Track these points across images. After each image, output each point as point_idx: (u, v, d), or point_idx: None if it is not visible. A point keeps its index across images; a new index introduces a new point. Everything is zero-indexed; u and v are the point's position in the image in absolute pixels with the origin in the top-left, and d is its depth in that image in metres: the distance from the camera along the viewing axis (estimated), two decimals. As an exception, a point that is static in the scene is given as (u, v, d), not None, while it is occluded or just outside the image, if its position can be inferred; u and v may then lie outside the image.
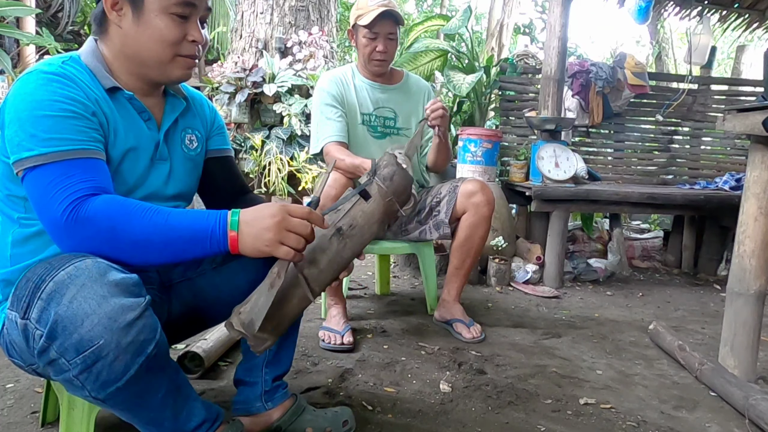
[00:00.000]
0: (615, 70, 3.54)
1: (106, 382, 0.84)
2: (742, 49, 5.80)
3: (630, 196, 2.96)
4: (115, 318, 0.82)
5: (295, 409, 1.27)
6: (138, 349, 0.84)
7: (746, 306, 1.69)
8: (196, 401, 1.02)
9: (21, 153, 0.90)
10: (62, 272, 0.85)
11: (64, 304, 0.82)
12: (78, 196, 0.88)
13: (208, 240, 0.90)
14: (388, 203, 0.98)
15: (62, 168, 0.89)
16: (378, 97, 2.15)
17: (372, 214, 0.97)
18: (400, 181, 0.98)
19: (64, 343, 0.82)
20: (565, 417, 1.47)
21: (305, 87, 4.45)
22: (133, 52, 1.04)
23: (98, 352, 0.81)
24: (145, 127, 1.09)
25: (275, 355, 1.26)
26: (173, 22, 1.02)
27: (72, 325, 0.81)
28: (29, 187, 0.91)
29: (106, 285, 0.84)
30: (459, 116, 4.02)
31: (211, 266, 1.23)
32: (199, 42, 1.06)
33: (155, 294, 1.15)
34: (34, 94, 0.92)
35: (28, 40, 3.77)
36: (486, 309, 2.46)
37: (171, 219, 0.90)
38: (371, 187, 0.98)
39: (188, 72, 1.10)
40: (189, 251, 0.91)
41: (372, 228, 0.98)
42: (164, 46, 1.03)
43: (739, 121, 1.64)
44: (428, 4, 15.23)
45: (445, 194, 2.11)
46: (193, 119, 1.23)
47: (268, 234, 0.89)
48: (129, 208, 0.89)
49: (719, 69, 11.45)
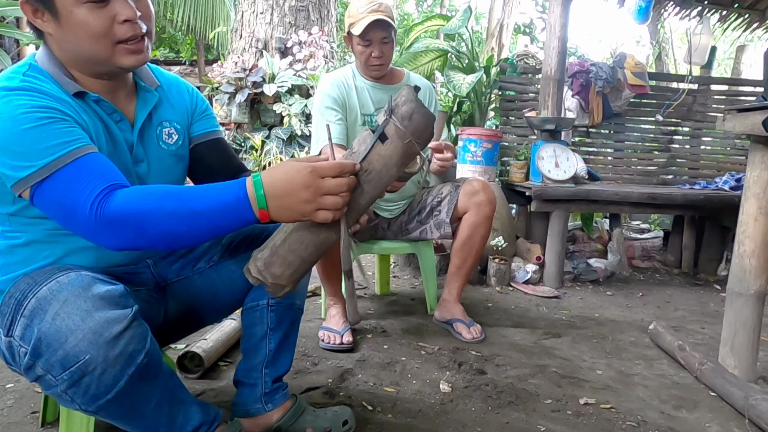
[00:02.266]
0: (615, 70, 3.54)
1: (95, 396, 0.83)
2: (742, 49, 5.80)
3: (630, 196, 2.96)
4: (100, 332, 0.81)
5: (295, 409, 1.26)
6: (127, 361, 0.83)
7: (746, 306, 1.69)
8: (192, 404, 1.01)
9: (19, 174, 0.85)
10: (44, 288, 0.84)
11: (47, 320, 0.81)
12: (96, 195, 0.83)
13: (237, 219, 0.86)
14: (407, 145, 0.90)
15: (69, 173, 0.85)
16: (380, 98, 2.15)
17: (390, 157, 0.90)
18: (419, 120, 0.89)
19: (50, 360, 0.81)
20: (565, 417, 1.47)
21: (305, 87, 4.45)
22: (72, 54, 0.97)
23: (84, 367, 0.80)
24: (117, 129, 1.03)
25: (275, 356, 1.25)
26: (91, 11, 0.91)
27: (56, 341, 0.80)
28: (43, 203, 0.87)
29: (90, 299, 0.83)
30: (459, 116, 4.02)
31: (207, 265, 1.23)
32: (131, 18, 0.94)
33: (150, 294, 1.14)
34: (4, 114, 0.87)
35: (28, 40, 3.77)
36: (486, 309, 2.46)
37: (195, 204, 0.85)
38: (389, 127, 0.90)
39: (140, 57, 0.99)
40: (221, 229, 0.88)
41: (390, 171, 0.92)
42: (95, 40, 0.93)
43: (739, 121, 1.64)
44: (428, 4, 15.24)
45: (447, 194, 2.11)
46: (170, 110, 1.15)
47: (306, 207, 0.85)
48: (150, 201, 0.85)
49: (719, 69, 11.46)
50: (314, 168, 0.85)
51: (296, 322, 1.29)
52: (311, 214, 0.86)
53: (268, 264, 0.92)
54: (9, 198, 0.95)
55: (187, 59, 8.85)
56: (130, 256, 1.11)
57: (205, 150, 1.20)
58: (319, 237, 0.92)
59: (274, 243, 0.93)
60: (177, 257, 1.23)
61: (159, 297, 1.17)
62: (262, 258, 0.93)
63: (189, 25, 7.68)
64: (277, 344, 1.25)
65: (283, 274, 0.92)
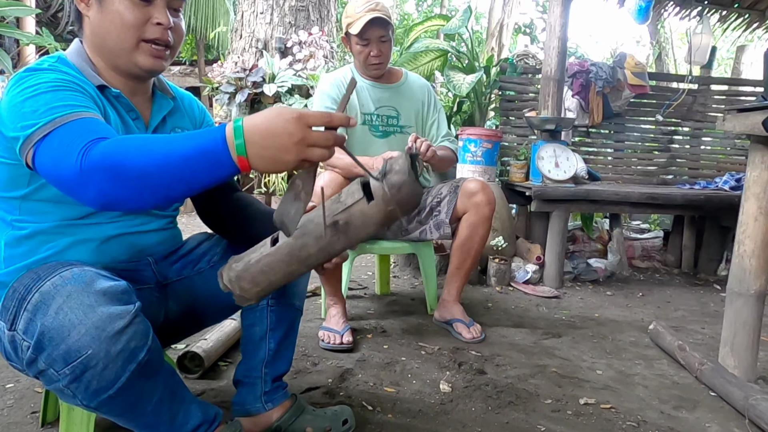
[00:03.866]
0: (615, 70, 3.54)
1: (97, 391, 0.83)
2: (742, 49, 5.80)
3: (630, 196, 2.97)
4: (103, 327, 0.81)
5: (294, 409, 1.26)
6: (129, 357, 0.83)
7: (746, 306, 1.69)
8: (193, 403, 1.01)
9: (26, 131, 0.87)
10: (48, 283, 0.84)
11: (50, 315, 0.81)
12: (84, 145, 0.82)
13: (215, 166, 0.81)
14: (390, 211, 0.93)
15: (69, 128, 0.86)
16: (379, 97, 2.15)
17: (371, 216, 0.94)
18: (407, 192, 0.90)
19: (52, 354, 0.81)
20: (565, 417, 1.47)
21: (305, 87, 4.45)
22: (100, 41, 1.03)
23: (86, 362, 0.80)
24: (134, 126, 1.08)
25: (274, 356, 1.25)
26: (133, 4, 1.00)
27: (59, 336, 0.80)
28: (40, 160, 0.86)
29: (93, 294, 0.83)
30: (459, 116, 4.02)
31: (208, 265, 1.23)
32: (164, 24, 1.03)
33: (151, 293, 1.14)
34: (25, 84, 0.92)
35: (28, 40, 3.77)
36: (486, 309, 2.46)
37: (172, 147, 0.81)
38: (377, 189, 0.92)
39: (157, 62, 1.05)
40: (198, 177, 0.82)
41: (368, 229, 0.95)
42: (125, 30, 1.01)
43: (739, 121, 1.64)
44: (428, 4, 15.23)
45: (446, 194, 2.11)
46: (182, 119, 1.21)
47: (288, 156, 0.79)
48: (128, 142, 0.83)
49: (719, 69, 11.45)
50: (301, 115, 0.80)
51: (296, 322, 1.29)
52: (295, 166, 0.81)
53: (240, 278, 0.95)
54: (24, 180, 0.98)
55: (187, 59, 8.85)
56: (130, 251, 1.11)
57: None
58: (290, 267, 0.95)
59: (249, 259, 0.95)
60: (178, 257, 1.23)
61: (160, 296, 1.18)
62: (236, 270, 0.96)
63: (189, 24, 7.68)
64: (277, 344, 1.25)
65: (250, 290, 0.95)
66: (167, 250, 1.21)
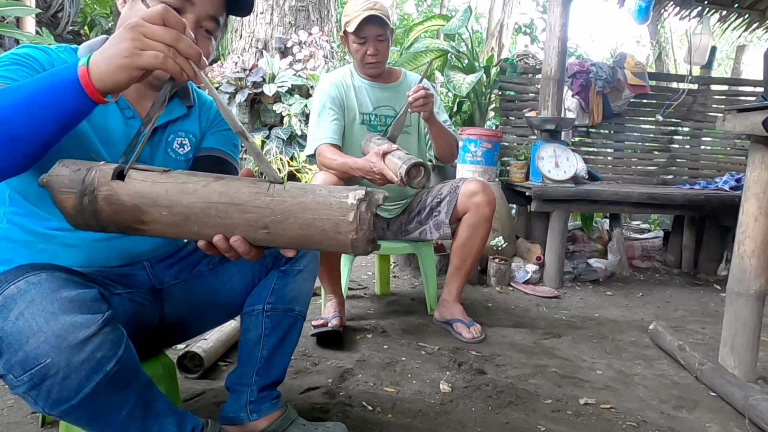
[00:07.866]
0: (615, 70, 3.54)
1: (58, 400, 0.81)
2: (742, 49, 5.80)
3: (630, 196, 2.97)
4: (64, 336, 0.78)
5: (282, 420, 1.22)
6: (94, 368, 0.81)
7: (746, 306, 1.69)
8: (169, 417, 0.96)
9: None
10: (12, 286, 0.82)
11: (10, 320, 0.79)
12: None
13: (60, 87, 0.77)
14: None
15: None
16: (378, 96, 2.15)
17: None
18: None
19: (10, 360, 0.79)
20: (565, 417, 1.47)
21: (305, 87, 4.45)
22: None
23: (45, 370, 0.78)
24: (122, 123, 1.04)
25: (266, 363, 1.21)
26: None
27: (17, 342, 0.78)
28: None
29: (57, 301, 0.80)
30: (459, 116, 4.02)
31: (207, 267, 1.20)
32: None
33: (144, 297, 1.12)
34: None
35: (28, 40, 3.76)
36: (486, 309, 2.46)
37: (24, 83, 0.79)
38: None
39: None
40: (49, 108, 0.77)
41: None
42: None
43: (739, 121, 1.64)
44: (428, 4, 15.24)
45: (446, 194, 2.10)
46: (192, 124, 1.17)
47: (123, 44, 0.76)
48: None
49: (719, 69, 11.46)
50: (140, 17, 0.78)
51: (294, 327, 1.25)
52: (133, 55, 0.76)
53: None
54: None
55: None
56: (123, 256, 1.09)
57: (199, 166, 1.15)
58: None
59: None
60: (176, 260, 1.21)
61: (154, 300, 1.15)
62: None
63: (189, 25, 7.65)
64: (270, 351, 1.21)
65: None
66: (165, 253, 1.19)
